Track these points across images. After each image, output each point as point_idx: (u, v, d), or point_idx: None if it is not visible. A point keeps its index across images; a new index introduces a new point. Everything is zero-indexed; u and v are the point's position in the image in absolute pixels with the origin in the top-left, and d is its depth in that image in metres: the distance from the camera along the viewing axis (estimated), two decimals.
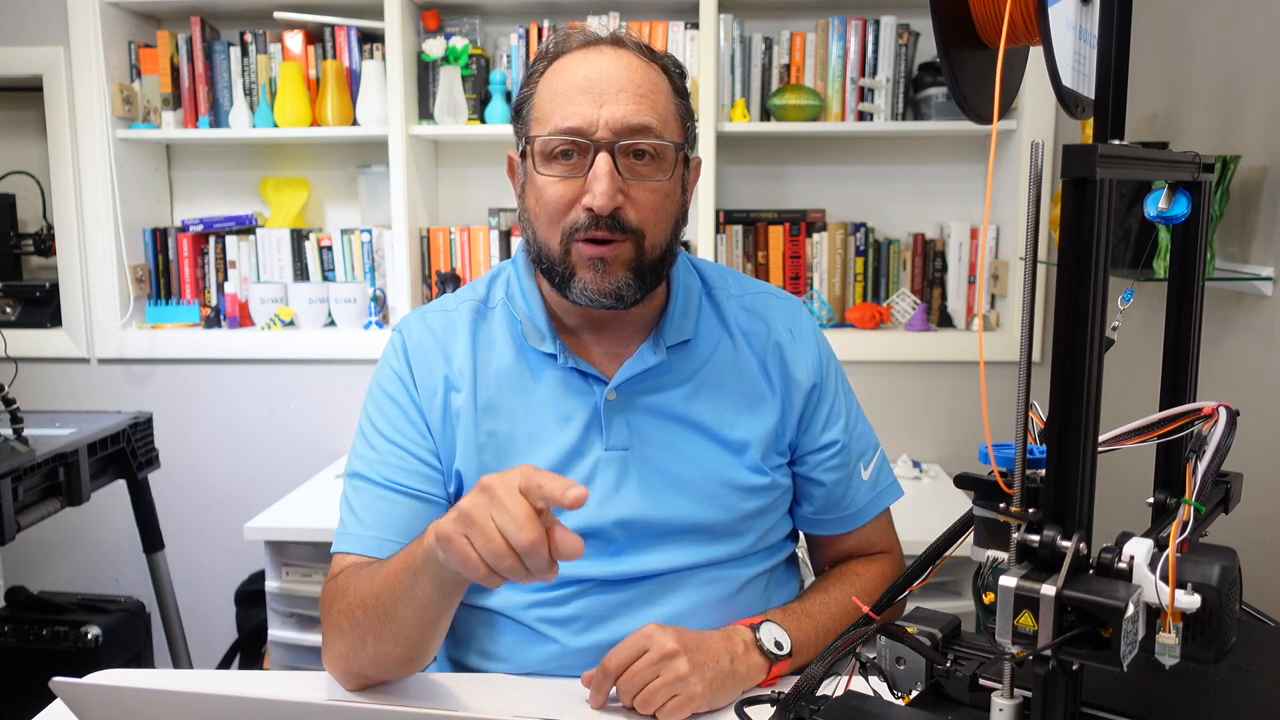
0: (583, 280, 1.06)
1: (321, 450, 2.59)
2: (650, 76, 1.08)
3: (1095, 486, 0.63)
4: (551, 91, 1.07)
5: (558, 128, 1.04)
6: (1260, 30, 1.60)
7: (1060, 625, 0.58)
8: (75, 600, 2.29)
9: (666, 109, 1.08)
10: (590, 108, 1.04)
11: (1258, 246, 1.58)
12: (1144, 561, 0.60)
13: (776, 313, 1.20)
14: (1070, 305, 0.60)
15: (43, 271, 2.71)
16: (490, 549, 0.83)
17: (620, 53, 1.08)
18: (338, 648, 1.04)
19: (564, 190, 1.05)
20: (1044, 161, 0.62)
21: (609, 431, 1.12)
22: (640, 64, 1.08)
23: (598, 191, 1.02)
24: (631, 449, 1.12)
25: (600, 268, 1.06)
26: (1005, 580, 0.60)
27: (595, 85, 1.04)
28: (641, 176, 1.06)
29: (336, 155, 2.66)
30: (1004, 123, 2.37)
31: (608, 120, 1.03)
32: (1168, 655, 0.60)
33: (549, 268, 1.09)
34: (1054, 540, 0.61)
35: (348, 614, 1.03)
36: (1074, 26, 0.67)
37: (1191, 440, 0.71)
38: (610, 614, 1.11)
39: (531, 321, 1.14)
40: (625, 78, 1.05)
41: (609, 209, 1.03)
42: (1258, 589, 1.35)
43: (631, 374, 1.12)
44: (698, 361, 1.15)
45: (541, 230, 1.08)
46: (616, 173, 1.03)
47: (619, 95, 1.04)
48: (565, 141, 1.04)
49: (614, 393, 1.12)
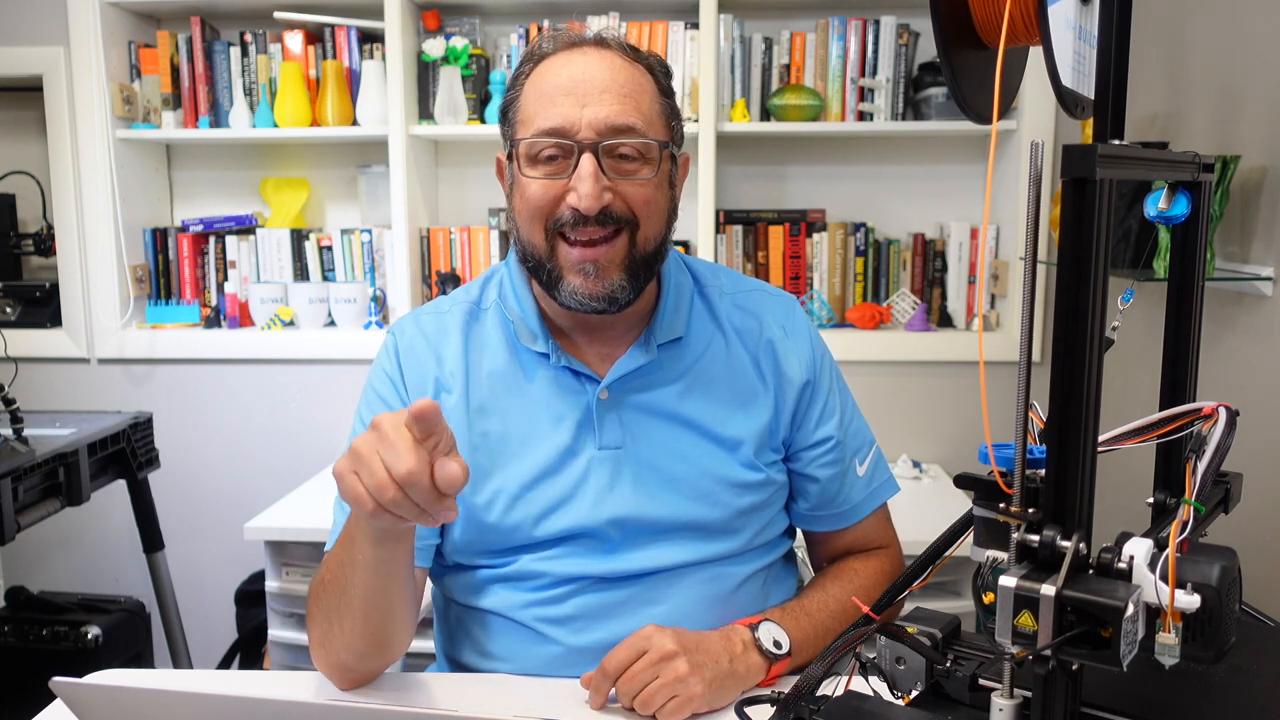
0: (571, 284, 1.06)
1: (321, 450, 2.59)
2: (634, 76, 1.08)
3: (1095, 486, 0.63)
4: (536, 93, 1.07)
5: (540, 129, 1.05)
6: (1260, 30, 1.60)
7: (1060, 625, 0.58)
8: (75, 600, 2.29)
9: (651, 108, 1.08)
10: (573, 109, 1.04)
11: (1258, 246, 1.58)
12: (1144, 561, 0.60)
13: (769, 310, 1.20)
14: (1070, 305, 0.60)
15: (43, 271, 2.71)
16: (374, 482, 0.83)
17: (604, 53, 1.08)
18: (315, 636, 1.06)
19: (547, 189, 1.06)
20: (1044, 161, 0.62)
21: (601, 430, 1.12)
22: (624, 64, 1.08)
23: (583, 192, 1.03)
24: (624, 448, 1.12)
25: (591, 271, 1.06)
26: (1005, 580, 0.60)
27: (578, 86, 1.05)
28: (627, 174, 1.06)
29: (336, 155, 2.65)
30: (1004, 123, 2.37)
31: (590, 120, 1.04)
32: (1168, 655, 0.60)
33: (536, 266, 1.10)
34: (1054, 540, 0.61)
35: (316, 599, 1.05)
36: (1074, 26, 0.67)
37: (1191, 440, 0.71)
38: (608, 612, 1.11)
39: (524, 322, 1.14)
40: (608, 78, 1.06)
41: (595, 209, 1.04)
42: (1258, 589, 1.35)
43: (623, 373, 1.12)
44: (689, 359, 1.16)
45: (525, 229, 1.09)
46: (601, 172, 1.04)
47: (602, 96, 1.04)
48: (549, 143, 1.04)
49: (606, 392, 1.12)
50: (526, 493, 1.11)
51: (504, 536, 1.11)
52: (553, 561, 1.11)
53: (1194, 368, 0.80)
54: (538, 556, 1.11)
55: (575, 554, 1.11)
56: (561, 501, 1.11)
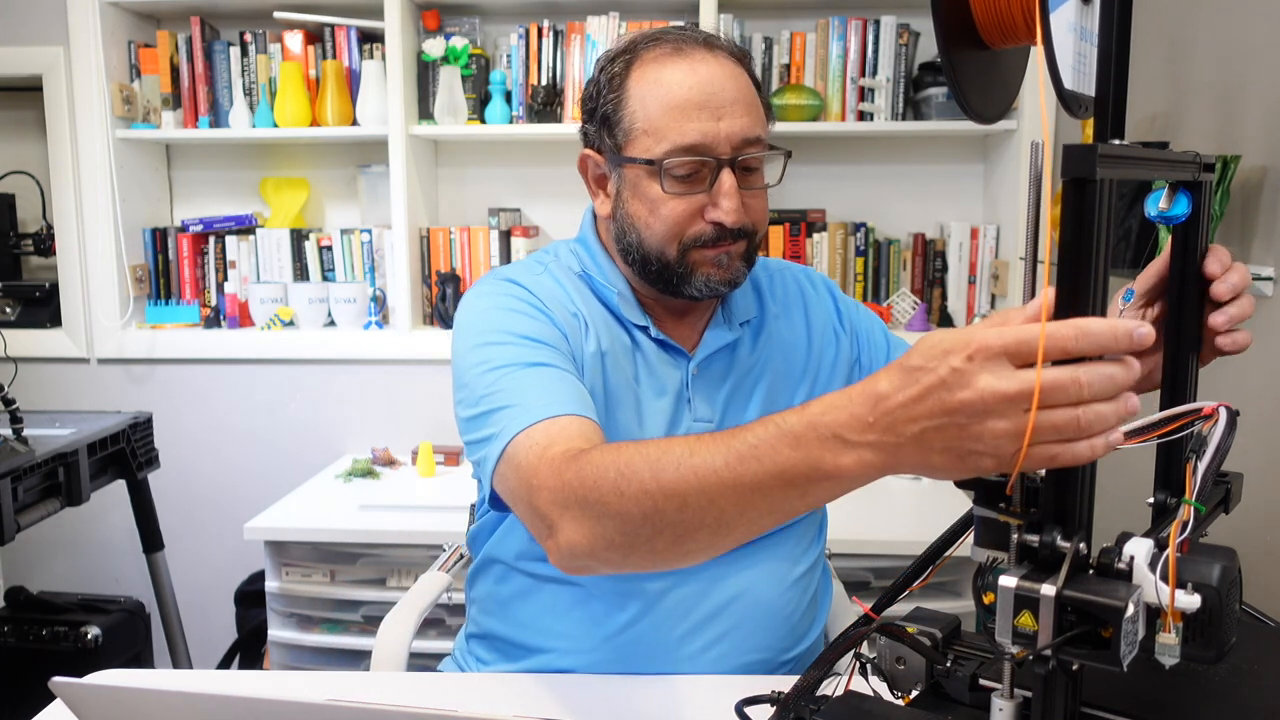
0: (705, 274, 1.08)
1: (321, 450, 2.59)
2: (746, 82, 1.09)
3: (1095, 487, 0.63)
4: (660, 104, 1.05)
5: (680, 145, 1.04)
6: (1260, 30, 1.60)
7: (1060, 625, 0.58)
8: (75, 600, 2.29)
9: (760, 111, 1.09)
10: (709, 123, 1.04)
11: (1258, 246, 1.58)
12: (1144, 562, 0.60)
13: (796, 279, 1.27)
14: (1070, 305, 0.60)
15: (42, 271, 2.71)
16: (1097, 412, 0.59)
17: (719, 58, 1.07)
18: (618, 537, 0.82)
19: (688, 205, 1.06)
20: (1043, 162, 0.62)
21: (694, 404, 1.14)
22: (737, 69, 1.08)
23: (728, 208, 1.05)
24: (714, 421, 1.14)
25: (725, 262, 1.08)
26: (1005, 580, 0.60)
27: (710, 99, 1.04)
28: (754, 185, 1.09)
29: (336, 155, 2.65)
30: (1004, 123, 2.37)
31: (728, 135, 1.04)
32: (1168, 655, 0.60)
33: (660, 270, 1.10)
34: (1054, 541, 0.61)
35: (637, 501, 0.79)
36: (1075, 27, 0.67)
37: (1191, 440, 0.71)
38: (693, 575, 1.10)
39: (623, 294, 1.15)
40: (734, 88, 1.06)
41: (740, 224, 1.06)
42: (1258, 589, 1.35)
43: (713, 349, 1.15)
44: (765, 334, 1.20)
45: (656, 240, 1.08)
46: (738, 187, 1.05)
47: (734, 108, 1.05)
48: (692, 161, 1.04)
49: (696, 368, 1.15)
50: None
51: None
52: None
53: (1194, 368, 0.80)
54: None
55: None
56: None
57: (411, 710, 0.76)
